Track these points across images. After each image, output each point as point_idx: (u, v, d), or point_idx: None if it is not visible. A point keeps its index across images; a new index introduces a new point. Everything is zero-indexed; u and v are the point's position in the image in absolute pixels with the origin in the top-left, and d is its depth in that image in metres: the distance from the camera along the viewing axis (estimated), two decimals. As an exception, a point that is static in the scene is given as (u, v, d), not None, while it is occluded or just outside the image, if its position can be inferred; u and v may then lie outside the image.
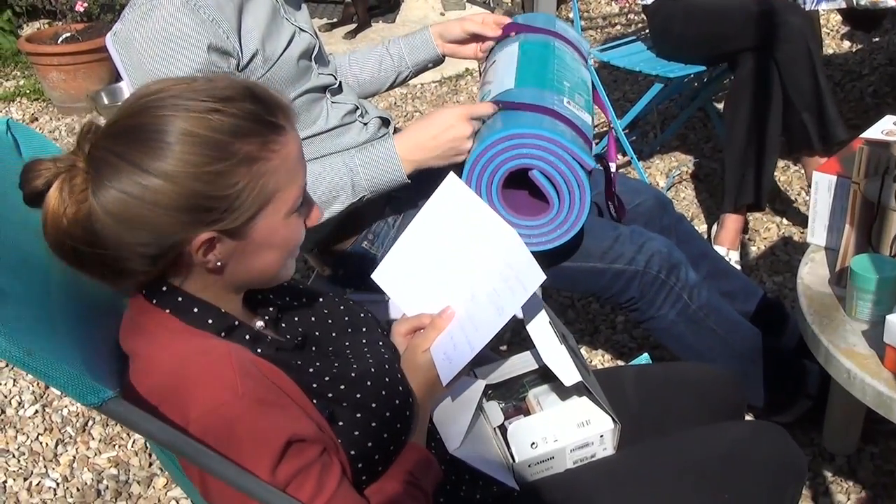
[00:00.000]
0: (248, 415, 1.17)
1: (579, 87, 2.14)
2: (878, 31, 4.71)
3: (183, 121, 1.18)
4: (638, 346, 2.86)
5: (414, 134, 2.00)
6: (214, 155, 1.18)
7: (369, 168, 1.99)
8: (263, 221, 1.25)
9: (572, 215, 1.94)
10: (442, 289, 1.54)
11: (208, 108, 1.19)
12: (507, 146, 1.89)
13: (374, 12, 6.13)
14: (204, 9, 1.87)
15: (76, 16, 5.58)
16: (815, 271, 2.03)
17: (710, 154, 4.04)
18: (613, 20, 5.81)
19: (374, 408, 1.33)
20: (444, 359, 1.45)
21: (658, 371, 1.86)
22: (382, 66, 2.39)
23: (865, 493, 2.25)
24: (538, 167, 1.90)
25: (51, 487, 2.50)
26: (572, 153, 1.88)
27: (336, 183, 1.98)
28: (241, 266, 1.28)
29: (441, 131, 1.95)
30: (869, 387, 1.68)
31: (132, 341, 1.28)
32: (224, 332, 1.28)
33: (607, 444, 1.56)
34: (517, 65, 2.14)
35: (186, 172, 1.17)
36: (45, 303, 1.22)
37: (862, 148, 1.83)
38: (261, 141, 1.21)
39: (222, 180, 1.19)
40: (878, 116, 2.08)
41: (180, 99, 1.20)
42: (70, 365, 1.11)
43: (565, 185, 1.90)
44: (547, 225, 1.96)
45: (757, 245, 3.36)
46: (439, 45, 2.35)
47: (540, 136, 1.88)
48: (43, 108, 5.31)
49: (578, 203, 1.92)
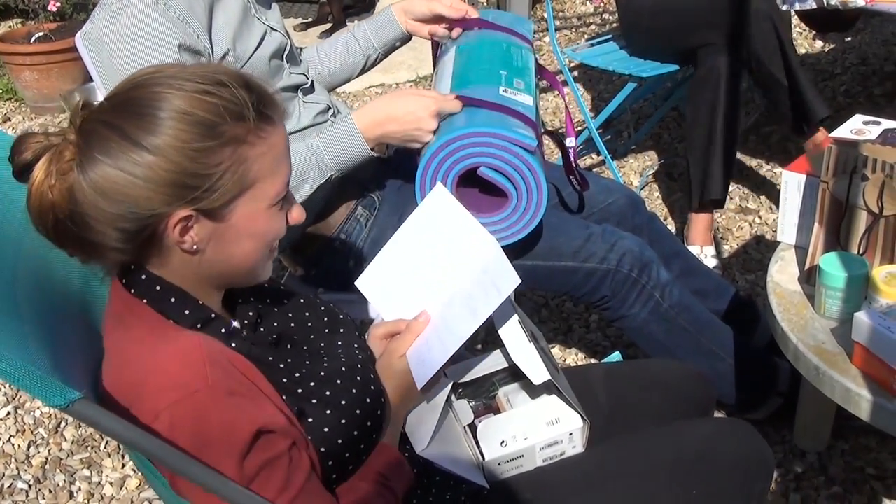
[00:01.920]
0: (217, 405, 1.17)
1: (518, 72, 2.16)
2: (851, 31, 4.75)
3: (177, 98, 1.20)
4: (612, 344, 2.87)
5: (377, 111, 1.99)
6: (203, 133, 1.19)
7: (332, 146, 1.98)
8: (243, 207, 1.25)
9: (532, 203, 1.95)
10: (421, 295, 1.56)
11: (202, 89, 1.21)
12: (453, 149, 1.91)
13: (350, 11, 6.12)
14: (174, 8, 1.86)
15: (49, 15, 5.54)
16: (784, 269, 2.04)
17: (683, 153, 4.03)
18: (588, 20, 5.82)
19: (343, 405, 1.33)
20: (418, 363, 1.46)
21: (627, 369, 1.87)
22: (350, 51, 2.39)
23: (836, 489, 2.26)
24: (488, 164, 1.92)
25: (23, 489, 2.48)
26: (514, 140, 1.89)
27: (301, 166, 1.96)
28: (217, 253, 1.28)
29: (406, 116, 1.94)
30: (837, 383, 1.70)
31: (110, 335, 1.29)
32: (200, 324, 1.28)
33: (576, 442, 1.56)
34: (453, 65, 2.18)
35: (174, 147, 1.18)
36: (13, 298, 1.21)
37: (830, 147, 1.84)
38: (248, 126, 1.22)
39: (206, 158, 1.20)
40: (850, 116, 2.10)
41: (176, 79, 1.22)
42: (37, 366, 1.10)
43: (519, 175, 1.92)
44: (509, 218, 1.98)
45: (730, 244, 3.38)
46: (403, 21, 2.33)
47: (478, 133, 1.89)
48: (16, 108, 5.27)
49: (535, 191, 1.94)
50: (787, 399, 2.37)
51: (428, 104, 1.95)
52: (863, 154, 1.80)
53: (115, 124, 1.19)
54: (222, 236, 1.27)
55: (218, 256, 1.29)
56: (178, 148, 1.18)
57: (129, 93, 1.22)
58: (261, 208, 1.27)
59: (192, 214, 1.22)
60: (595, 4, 5.91)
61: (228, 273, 1.33)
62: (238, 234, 1.27)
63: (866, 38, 4.87)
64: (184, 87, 1.21)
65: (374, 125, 1.97)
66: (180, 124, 1.19)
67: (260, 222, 1.28)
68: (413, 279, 1.59)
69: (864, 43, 4.84)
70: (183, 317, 1.27)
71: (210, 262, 1.29)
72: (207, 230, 1.25)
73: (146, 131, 1.18)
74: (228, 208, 1.24)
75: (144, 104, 1.19)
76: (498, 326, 1.57)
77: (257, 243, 1.30)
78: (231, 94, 1.22)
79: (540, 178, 1.92)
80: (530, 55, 2.30)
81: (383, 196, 2.20)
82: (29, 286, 1.27)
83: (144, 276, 1.28)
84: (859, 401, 1.66)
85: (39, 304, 1.27)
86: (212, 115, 1.20)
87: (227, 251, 1.29)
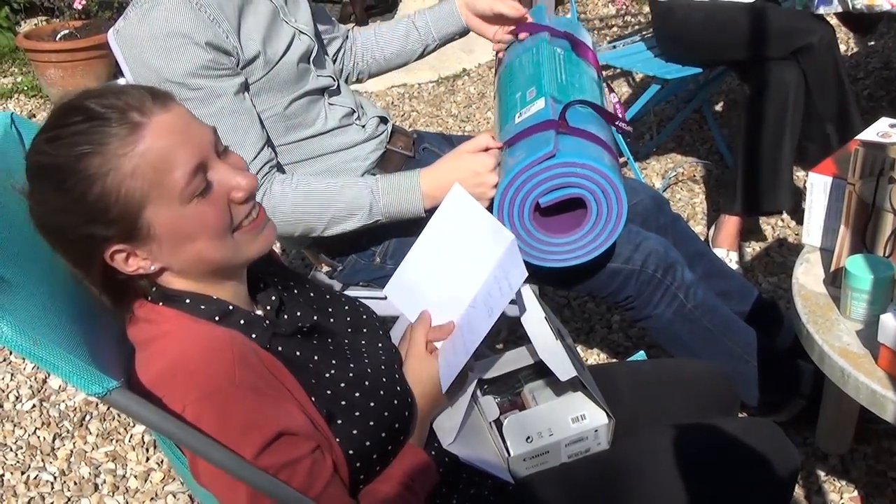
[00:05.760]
0: (242, 402, 1.18)
1: (590, 89, 2.14)
2: (874, 35, 4.73)
3: (38, 154, 1.22)
4: (633, 345, 2.87)
5: (440, 173, 2.00)
6: (65, 184, 1.19)
7: (390, 195, 2.00)
8: (157, 219, 1.22)
9: (612, 217, 1.92)
10: (447, 298, 1.57)
11: (44, 138, 1.21)
12: (527, 177, 1.86)
13: (372, 12, 6.14)
14: (205, 7, 1.88)
15: (74, 13, 5.59)
16: (810, 271, 2.04)
17: (705, 156, 4.05)
18: (610, 21, 5.83)
19: (371, 407, 1.34)
20: (444, 365, 1.48)
21: (651, 367, 1.87)
22: (409, 39, 2.42)
23: (858, 492, 2.26)
24: (570, 187, 1.88)
25: (48, 481, 2.51)
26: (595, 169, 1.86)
27: (356, 201, 1.99)
28: (177, 262, 1.27)
29: (469, 179, 1.94)
30: (863, 385, 1.70)
31: (137, 332, 1.30)
32: (218, 317, 1.29)
33: (601, 439, 1.57)
34: (498, 92, 2.17)
35: (43, 211, 1.22)
36: (51, 293, 1.23)
37: (857, 149, 1.84)
38: (107, 153, 1.18)
39: (86, 201, 1.19)
40: (873, 120, 2.10)
41: (41, 133, 1.23)
42: (75, 355, 1.13)
43: (601, 192, 1.88)
44: (588, 234, 1.93)
45: (752, 246, 3.38)
46: (465, 15, 2.35)
47: (580, 165, 1.85)
48: (41, 105, 5.32)
49: (616, 205, 1.90)
50: (810, 401, 2.37)
51: (486, 163, 1.94)
52: (890, 156, 1.80)
53: (29, 193, 1.25)
54: (164, 250, 1.25)
55: (182, 264, 1.28)
56: (46, 210, 1.22)
57: (27, 162, 1.25)
58: (174, 210, 1.23)
59: (119, 248, 1.23)
60: (617, 6, 5.90)
61: (209, 269, 1.31)
62: (177, 241, 1.25)
63: (889, 42, 4.86)
64: (35, 144, 1.23)
65: (438, 189, 1.97)
66: (37, 184, 1.23)
67: (184, 223, 1.24)
68: (438, 283, 1.60)
69: (886, 47, 4.82)
70: (200, 311, 1.29)
71: (183, 270, 1.29)
72: (146, 251, 1.25)
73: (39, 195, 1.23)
74: (143, 227, 1.22)
75: (34, 172, 1.24)
76: (525, 324, 1.58)
77: (201, 242, 1.26)
78: (70, 131, 1.19)
79: (621, 195, 1.89)
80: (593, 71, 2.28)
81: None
82: (64, 281, 1.29)
83: (155, 288, 1.30)
84: (885, 403, 1.67)
85: (75, 298, 1.30)
86: (60, 161, 1.19)
87: (182, 257, 1.27)
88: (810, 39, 3.10)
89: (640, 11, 5.80)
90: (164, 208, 1.22)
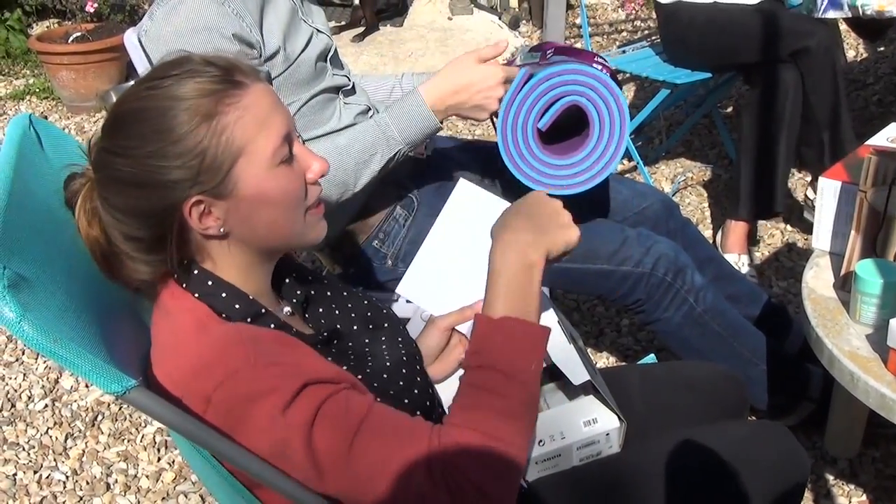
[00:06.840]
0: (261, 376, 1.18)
1: None
2: (883, 41, 4.74)
3: (138, 100, 1.24)
4: (643, 348, 2.88)
5: (444, 83, 1.99)
6: (167, 124, 1.22)
7: (400, 120, 1.99)
8: (244, 175, 1.26)
9: (613, 139, 1.95)
10: (464, 288, 1.58)
11: (154, 83, 1.25)
12: (538, 83, 1.91)
13: (382, 16, 6.16)
14: (229, 2, 1.92)
15: (86, 16, 5.61)
16: (819, 275, 2.05)
17: (715, 160, 4.06)
18: (620, 26, 5.84)
19: (391, 395, 1.35)
20: None
21: (663, 370, 1.88)
22: (392, 95, 2.41)
23: (867, 496, 2.27)
24: (574, 96, 1.94)
25: (60, 480, 2.53)
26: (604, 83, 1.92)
27: (369, 141, 1.99)
28: (247, 228, 1.29)
29: (474, 85, 1.96)
30: (872, 389, 1.71)
31: (158, 326, 1.31)
32: (250, 319, 1.30)
33: (613, 443, 1.58)
34: None
35: (132, 158, 1.23)
36: (70, 292, 1.24)
37: (870, 157, 1.84)
38: (215, 98, 1.23)
39: (184, 143, 1.22)
40: (882, 125, 2.11)
41: (139, 84, 1.27)
42: (94, 353, 1.14)
43: (605, 105, 1.93)
44: (590, 156, 1.97)
45: (761, 251, 3.39)
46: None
47: (572, 71, 1.91)
48: (52, 107, 5.34)
49: (618, 124, 1.94)
50: (819, 405, 2.38)
51: (495, 72, 1.96)
52: (902, 165, 1.80)
53: (105, 146, 1.26)
54: (240, 210, 1.27)
55: (248, 232, 1.30)
56: (149, 150, 1.22)
57: (114, 113, 1.27)
58: (262, 170, 1.26)
59: (200, 199, 1.25)
60: (627, 11, 5.91)
61: (269, 244, 1.34)
62: (254, 204, 1.28)
63: (899, 48, 4.87)
64: (143, 85, 1.25)
65: (442, 98, 1.98)
66: (140, 124, 1.23)
67: (269, 185, 1.27)
68: (452, 275, 1.62)
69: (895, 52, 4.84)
70: (234, 311, 1.30)
71: (246, 241, 1.31)
72: (222, 209, 1.27)
73: (123, 140, 1.24)
74: (230, 181, 1.25)
75: (119, 117, 1.26)
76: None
77: (278, 209, 1.30)
78: (186, 74, 1.24)
79: (625, 114, 1.94)
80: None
81: (421, 196, 2.22)
82: (83, 281, 1.30)
83: (197, 272, 1.31)
84: (894, 407, 1.67)
85: (94, 297, 1.31)
86: (169, 101, 1.23)
87: (251, 225, 1.29)
88: (808, 42, 3.10)
89: (649, 16, 5.81)
90: (253, 166, 1.26)
